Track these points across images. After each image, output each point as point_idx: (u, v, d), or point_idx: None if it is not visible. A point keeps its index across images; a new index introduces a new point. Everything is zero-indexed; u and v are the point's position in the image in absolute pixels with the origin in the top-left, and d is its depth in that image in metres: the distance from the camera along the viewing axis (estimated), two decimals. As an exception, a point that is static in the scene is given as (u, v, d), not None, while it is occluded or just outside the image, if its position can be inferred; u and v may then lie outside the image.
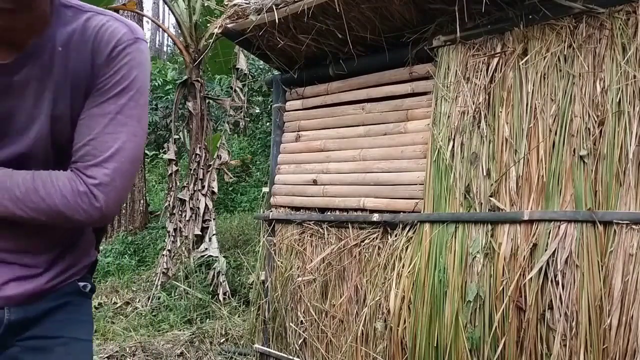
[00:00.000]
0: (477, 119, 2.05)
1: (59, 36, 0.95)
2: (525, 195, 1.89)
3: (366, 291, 2.33)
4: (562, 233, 1.77)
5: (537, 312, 1.78)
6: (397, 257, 2.22)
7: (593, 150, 1.76)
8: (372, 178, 2.37)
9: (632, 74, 1.71)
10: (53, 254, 1.04)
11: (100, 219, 0.96)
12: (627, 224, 1.64)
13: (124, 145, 0.95)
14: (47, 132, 0.96)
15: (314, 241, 2.61)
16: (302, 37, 2.45)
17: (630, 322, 1.60)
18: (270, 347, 2.76)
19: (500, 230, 1.92)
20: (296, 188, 2.70)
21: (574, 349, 1.69)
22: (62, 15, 0.96)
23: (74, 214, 0.93)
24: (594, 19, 1.83)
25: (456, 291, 1.98)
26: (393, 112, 2.40)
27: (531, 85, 1.93)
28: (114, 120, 0.95)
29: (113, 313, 4.01)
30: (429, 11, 2.19)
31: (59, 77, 0.95)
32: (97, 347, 3.36)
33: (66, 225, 0.98)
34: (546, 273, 1.78)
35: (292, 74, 2.79)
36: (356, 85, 2.56)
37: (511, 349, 1.83)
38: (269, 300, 2.78)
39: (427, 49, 2.25)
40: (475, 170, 2.02)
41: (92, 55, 0.96)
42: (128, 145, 0.96)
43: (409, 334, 2.10)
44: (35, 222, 0.94)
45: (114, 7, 4.77)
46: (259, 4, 2.40)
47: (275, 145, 2.89)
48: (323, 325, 2.51)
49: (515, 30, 2.00)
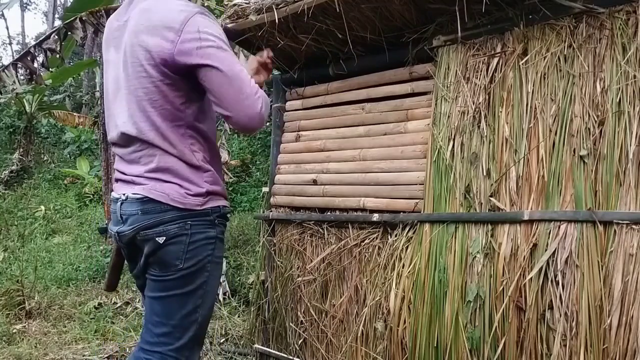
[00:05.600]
0: (477, 119, 2.05)
1: None
2: (525, 195, 1.89)
3: (366, 291, 2.33)
4: (562, 233, 1.77)
5: (537, 312, 1.78)
6: (397, 257, 2.22)
7: (593, 150, 1.76)
8: (372, 178, 2.37)
9: (632, 74, 1.71)
10: None
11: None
12: (627, 224, 1.64)
13: None
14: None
15: (314, 241, 2.61)
16: (302, 37, 2.45)
17: (630, 322, 1.60)
18: (270, 347, 2.76)
19: (500, 230, 1.92)
20: (296, 188, 2.70)
21: (574, 349, 1.69)
22: None
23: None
24: (594, 19, 1.83)
25: (456, 291, 1.98)
26: (393, 112, 2.40)
27: (531, 85, 1.93)
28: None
29: (113, 313, 4.00)
30: (429, 11, 2.19)
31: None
32: (97, 347, 3.36)
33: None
34: (546, 273, 1.78)
35: (292, 74, 2.79)
36: (356, 85, 2.56)
37: (511, 349, 1.83)
38: (268, 300, 2.78)
39: (427, 49, 2.25)
40: (475, 170, 2.02)
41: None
42: None
43: (409, 334, 2.10)
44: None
45: (114, 7, 4.77)
46: (259, 4, 2.40)
47: (275, 145, 2.89)
48: (323, 325, 2.51)
49: (515, 30, 2.00)
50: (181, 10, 1.51)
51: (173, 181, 1.57)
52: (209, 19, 1.54)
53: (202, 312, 1.62)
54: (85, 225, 7.58)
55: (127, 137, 1.61)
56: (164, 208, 1.55)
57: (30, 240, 6.65)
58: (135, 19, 1.56)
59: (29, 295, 4.07)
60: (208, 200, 1.62)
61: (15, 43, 29.47)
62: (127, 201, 1.60)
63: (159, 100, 1.54)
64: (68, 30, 4.74)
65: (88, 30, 4.68)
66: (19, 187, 9.80)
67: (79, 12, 4.79)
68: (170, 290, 1.60)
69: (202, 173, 1.61)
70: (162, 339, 1.58)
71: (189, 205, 1.57)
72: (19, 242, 6.40)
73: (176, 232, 1.55)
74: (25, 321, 3.81)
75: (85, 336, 3.53)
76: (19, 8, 29.12)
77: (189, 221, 1.57)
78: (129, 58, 1.55)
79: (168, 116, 1.56)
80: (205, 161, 1.64)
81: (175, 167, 1.57)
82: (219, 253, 1.67)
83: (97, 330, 3.64)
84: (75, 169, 10.17)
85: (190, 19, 1.49)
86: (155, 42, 1.49)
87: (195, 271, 1.59)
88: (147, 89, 1.53)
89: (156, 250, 1.57)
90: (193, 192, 1.58)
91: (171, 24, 1.48)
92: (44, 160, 11.36)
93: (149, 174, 1.58)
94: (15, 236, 6.63)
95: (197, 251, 1.58)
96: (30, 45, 5.60)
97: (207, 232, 1.61)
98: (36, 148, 11.44)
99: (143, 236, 1.58)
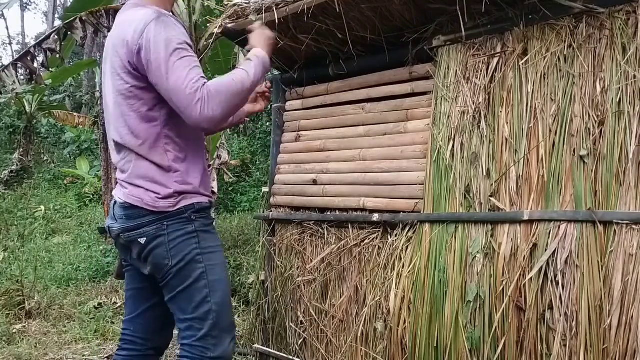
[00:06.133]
0: (477, 119, 2.05)
1: None
2: (525, 195, 1.89)
3: (366, 291, 2.33)
4: (562, 233, 1.77)
5: (537, 312, 1.78)
6: (397, 257, 2.22)
7: (593, 150, 1.75)
8: (372, 178, 2.37)
9: (632, 74, 1.71)
10: None
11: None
12: (627, 224, 1.64)
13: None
14: None
15: (314, 241, 2.61)
16: (302, 37, 2.45)
17: (630, 322, 1.60)
18: (270, 347, 2.76)
19: (500, 230, 1.92)
20: (296, 188, 2.69)
21: (574, 349, 1.69)
22: None
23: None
24: (594, 19, 1.83)
25: (456, 291, 1.98)
26: (393, 112, 2.40)
27: (531, 85, 1.93)
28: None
29: (113, 313, 4.00)
30: (429, 11, 2.19)
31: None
32: (97, 347, 3.36)
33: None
34: (546, 273, 1.78)
35: (292, 74, 2.79)
36: (356, 85, 2.56)
37: (511, 349, 1.83)
38: (268, 300, 2.78)
39: (427, 49, 2.25)
40: (475, 170, 2.02)
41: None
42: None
43: (409, 334, 2.10)
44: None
45: (114, 7, 4.77)
46: (259, 4, 2.40)
47: (275, 145, 2.89)
48: (323, 325, 2.51)
49: (515, 30, 2.00)
50: (140, 20, 1.62)
51: (145, 187, 1.68)
52: (162, 25, 1.61)
53: (214, 301, 1.70)
54: (85, 225, 7.58)
55: (116, 145, 1.74)
56: (142, 213, 1.67)
57: (30, 240, 6.65)
58: (113, 32, 1.73)
59: (29, 295, 4.06)
60: (180, 200, 1.69)
61: (15, 43, 29.50)
62: (117, 205, 1.75)
63: (135, 103, 1.66)
64: (68, 30, 4.73)
65: (88, 30, 4.68)
66: (19, 187, 9.80)
67: (79, 12, 4.79)
68: (174, 290, 1.71)
69: (172, 174, 1.69)
70: (187, 333, 1.71)
71: (161, 208, 1.67)
72: (19, 242, 6.40)
73: (155, 233, 1.67)
74: (25, 321, 3.81)
75: (85, 336, 3.53)
76: (19, 8, 29.13)
77: (165, 222, 1.67)
78: (110, 68, 1.71)
79: (144, 118, 1.67)
80: (178, 160, 1.71)
81: (146, 171, 1.68)
82: (206, 244, 1.73)
83: (97, 330, 3.64)
84: (75, 169, 10.17)
85: (146, 29, 1.60)
86: (123, 52, 1.63)
87: (185, 266, 1.68)
88: (124, 95, 1.66)
89: (142, 251, 1.70)
90: (162, 195, 1.67)
91: (133, 35, 1.61)
92: (44, 160, 11.37)
93: (129, 179, 1.71)
94: (15, 236, 6.63)
95: (179, 247, 1.68)
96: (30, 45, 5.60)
97: (185, 228, 1.69)
98: (36, 148, 11.44)
99: (127, 237, 1.71)
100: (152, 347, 1.88)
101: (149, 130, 1.66)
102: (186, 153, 1.73)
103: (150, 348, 1.88)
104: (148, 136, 1.66)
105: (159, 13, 1.65)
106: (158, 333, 1.88)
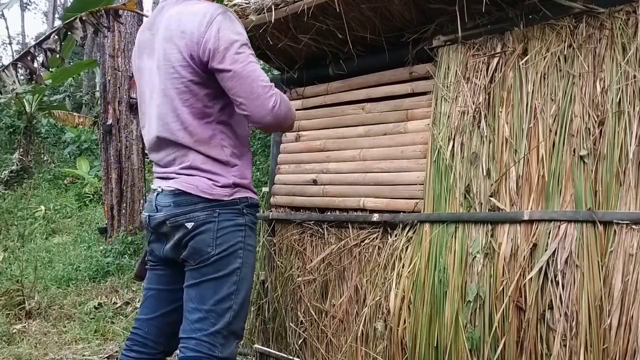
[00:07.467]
0: (477, 119, 2.05)
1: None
2: (525, 195, 1.89)
3: (366, 291, 2.33)
4: (562, 233, 1.77)
5: (537, 312, 1.78)
6: (397, 257, 2.22)
7: (593, 150, 1.75)
8: (372, 178, 2.37)
9: (632, 74, 1.71)
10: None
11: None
12: (627, 224, 1.64)
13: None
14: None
15: (314, 241, 2.61)
16: (302, 37, 2.46)
17: (630, 322, 1.60)
18: (270, 347, 2.76)
19: (500, 230, 1.92)
20: (296, 188, 2.70)
21: (574, 349, 1.69)
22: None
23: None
24: (594, 19, 1.83)
25: (456, 291, 1.98)
26: (393, 112, 2.40)
27: (531, 85, 1.93)
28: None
29: (113, 313, 4.00)
30: (429, 11, 2.19)
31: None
32: (97, 347, 3.36)
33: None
34: (546, 273, 1.78)
35: (292, 74, 2.79)
36: (356, 85, 2.56)
37: (511, 349, 1.83)
38: (268, 300, 2.78)
39: (427, 49, 2.25)
40: (475, 170, 2.02)
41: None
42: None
43: (409, 334, 2.10)
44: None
45: (114, 7, 4.77)
46: (259, 4, 2.40)
47: (275, 145, 2.89)
48: (323, 325, 2.51)
49: (515, 30, 2.00)
50: (204, 14, 1.61)
51: (202, 175, 1.67)
52: (229, 20, 1.63)
53: (236, 300, 1.67)
54: (85, 225, 7.58)
55: (161, 141, 1.71)
56: (194, 200, 1.65)
57: (30, 240, 6.65)
58: (165, 25, 1.68)
59: (29, 295, 4.06)
60: (236, 192, 1.70)
61: (15, 43, 29.51)
62: (162, 193, 1.71)
63: (190, 99, 1.64)
64: (68, 30, 4.73)
65: (88, 30, 4.67)
66: (19, 187, 9.80)
67: (79, 12, 4.78)
68: (204, 276, 1.66)
69: (230, 167, 1.71)
70: (197, 325, 1.65)
71: (217, 196, 1.66)
72: (19, 242, 6.40)
73: (205, 219, 1.64)
74: (25, 321, 3.81)
75: (85, 336, 3.53)
76: (19, 8, 29.14)
77: (218, 209, 1.66)
78: (162, 62, 1.66)
79: (198, 114, 1.66)
80: (235, 156, 1.73)
81: (204, 164, 1.67)
82: (250, 241, 1.73)
83: (97, 330, 3.64)
84: (75, 169, 10.18)
85: (213, 22, 1.59)
86: (183, 44, 1.60)
87: (227, 255, 1.66)
88: (178, 89, 1.64)
89: (186, 236, 1.66)
90: (221, 184, 1.67)
91: (196, 27, 1.59)
92: (44, 160, 11.36)
93: (182, 170, 1.69)
94: (15, 236, 6.63)
95: (227, 237, 1.66)
96: (30, 45, 5.59)
97: (236, 220, 1.69)
98: (36, 148, 11.44)
99: (173, 222, 1.67)
100: (162, 352, 1.84)
101: (204, 126, 1.66)
102: (240, 150, 1.76)
103: (160, 352, 1.83)
104: (203, 132, 1.66)
105: (223, 8, 1.66)
106: (171, 337, 1.80)
